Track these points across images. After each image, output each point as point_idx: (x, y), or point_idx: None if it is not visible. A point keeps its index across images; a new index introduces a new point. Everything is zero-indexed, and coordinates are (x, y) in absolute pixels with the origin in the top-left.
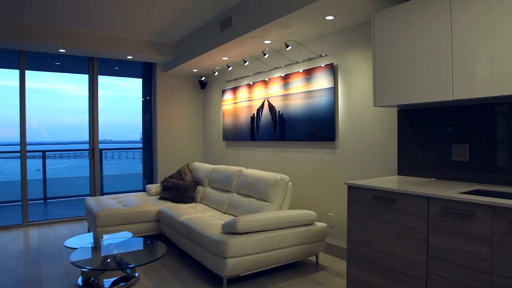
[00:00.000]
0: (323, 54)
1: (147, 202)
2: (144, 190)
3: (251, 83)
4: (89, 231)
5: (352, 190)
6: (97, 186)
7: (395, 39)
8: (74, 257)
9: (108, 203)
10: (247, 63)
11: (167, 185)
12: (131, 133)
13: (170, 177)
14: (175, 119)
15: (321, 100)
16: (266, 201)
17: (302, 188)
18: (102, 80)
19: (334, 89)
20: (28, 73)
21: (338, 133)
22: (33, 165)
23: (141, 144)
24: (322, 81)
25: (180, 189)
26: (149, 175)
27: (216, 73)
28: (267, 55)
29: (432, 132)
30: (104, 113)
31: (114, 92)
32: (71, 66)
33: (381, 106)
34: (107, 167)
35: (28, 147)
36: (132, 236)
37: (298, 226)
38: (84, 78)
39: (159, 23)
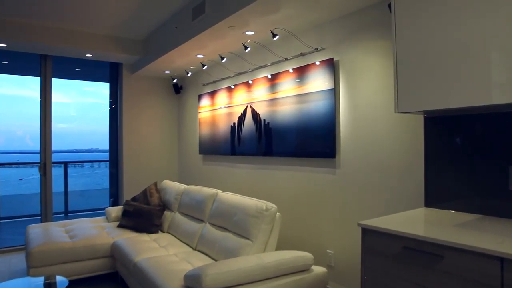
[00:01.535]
0: (320, 48)
1: (102, 232)
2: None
3: (232, 86)
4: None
5: (369, 235)
6: (49, 207)
7: (426, 25)
8: None
9: (52, 233)
10: (224, 59)
11: (128, 209)
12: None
13: (133, 199)
14: (145, 129)
15: (318, 105)
16: (246, 238)
17: (292, 217)
18: (77, 85)
19: (334, 91)
20: None
21: (339, 147)
22: None
23: (107, 156)
24: (318, 82)
25: (143, 215)
26: (115, 193)
27: (189, 73)
28: (249, 49)
29: (478, 148)
30: (78, 121)
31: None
32: (22, 67)
33: (406, 113)
34: (76, 180)
35: None
36: (72, 279)
37: (290, 274)
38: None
39: (121, 13)
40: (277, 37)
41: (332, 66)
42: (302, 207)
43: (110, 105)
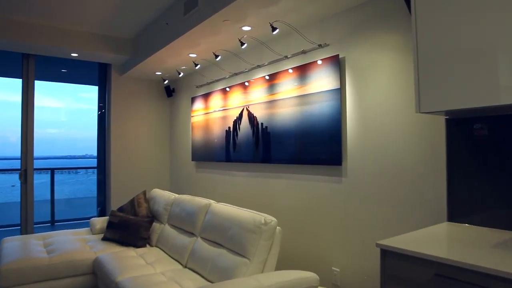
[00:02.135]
0: (323, 44)
1: (84, 246)
2: (100, 216)
3: (227, 89)
4: None
5: (391, 258)
6: (30, 217)
7: (452, 16)
8: None
9: (28, 247)
10: (219, 58)
11: (113, 221)
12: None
13: (120, 209)
14: (134, 134)
15: (321, 106)
16: (242, 256)
17: (293, 231)
18: (72, 91)
19: (340, 92)
20: None
21: (346, 153)
22: None
23: (95, 162)
24: (322, 81)
25: (130, 226)
26: (103, 202)
27: (182, 74)
28: (245, 45)
29: (511, 154)
30: (69, 126)
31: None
32: (3, 68)
33: (429, 113)
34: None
35: None
36: None
37: None
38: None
39: (109, 9)
40: (277, 31)
41: (337, 63)
42: (304, 219)
43: (99, 109)
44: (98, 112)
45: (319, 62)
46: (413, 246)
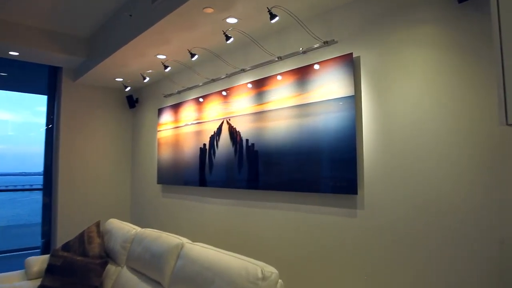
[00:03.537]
0: (330, 41)
1: None
2: (44, 251)
3: (200, 100)
4: None
5: None
6: None
7: None
8: None
9: None
10: (195, 57)
11: (55, 263)
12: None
13: (66, 246)
14: (88, 151)
15: (329, 119)
16: None
17: (291, 281)
18: (30, 104)
19: (354, 100)
20: None
21: (362, 179)
22: None
23: (41, 183)
24: (329, 87)
25: (76, 271)
26: (48, 232)
27: (147, 78)
28: (231, 39)
29: None
30: (16, 141)
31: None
32: None
33: None
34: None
35: None
36: None
37: None
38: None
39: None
40: (276, 18)
41: (350, 65)
42: (305, 266)
43: (48, 122)
44: (46, 125)
45: (317, 66)
46: None
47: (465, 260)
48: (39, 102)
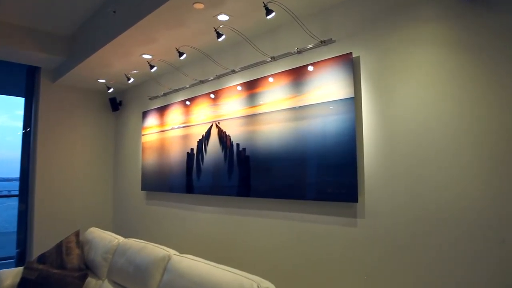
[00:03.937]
0: (327, 40)
1: None
2: (18, 262)
3: (187, 102)
4: None
5: None
6: None
7: None
8: None
9: None
10: (183, 56)
11: (29, 277)
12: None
13: (41, 258)
14: (68, 156)
15: (326, 122)
16: None
17: None
18: (9, 108)
19: (354, 102)
20: None
21: (363, 185)
22: None
23: (17, 189)
24: (327, 88)
25: (52, 286)
26: (24, 241)
27: (131, 79)
28: (223, 37)
29: None
30: None
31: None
32: None
33: None
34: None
35: None
36: None
37: None
38: None
39: None
40: (273, 14)
41: (350, 65)
42: (302, 279)
43: (25, 125)
44: (24, 129)
45: (322, 63)
46: None
47: (470, 273)
48: (17, 105)
